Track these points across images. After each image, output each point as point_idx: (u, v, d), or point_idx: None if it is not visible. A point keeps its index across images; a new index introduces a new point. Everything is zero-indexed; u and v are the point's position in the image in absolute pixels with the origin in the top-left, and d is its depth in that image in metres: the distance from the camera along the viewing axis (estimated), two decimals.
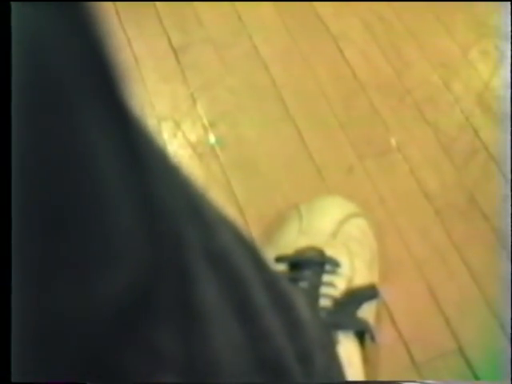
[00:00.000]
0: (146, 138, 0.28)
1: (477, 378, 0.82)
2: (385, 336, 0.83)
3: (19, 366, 0.22)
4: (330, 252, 0.81)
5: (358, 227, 0.86)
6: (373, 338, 0.79)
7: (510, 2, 1.08)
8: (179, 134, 0.99)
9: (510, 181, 0.93)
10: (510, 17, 1.08)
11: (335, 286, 0.79)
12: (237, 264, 0.39)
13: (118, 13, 1.08)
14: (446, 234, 0.90)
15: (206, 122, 1.00)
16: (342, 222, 0.85)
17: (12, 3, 0.19)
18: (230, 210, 0.90)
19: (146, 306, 0.27)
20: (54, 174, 0.20)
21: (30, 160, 0.20)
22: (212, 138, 0.99)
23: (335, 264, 0.80)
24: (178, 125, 1.00)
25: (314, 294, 0.78)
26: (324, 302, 0.78)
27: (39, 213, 0.20)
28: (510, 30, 1.08)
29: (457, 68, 1.06)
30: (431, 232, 0.91)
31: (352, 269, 0.81)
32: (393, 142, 0.98)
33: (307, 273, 0.79)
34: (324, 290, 0.78)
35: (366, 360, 0.79)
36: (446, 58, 1.06)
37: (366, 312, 0.80)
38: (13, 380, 0.22)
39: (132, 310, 0.26)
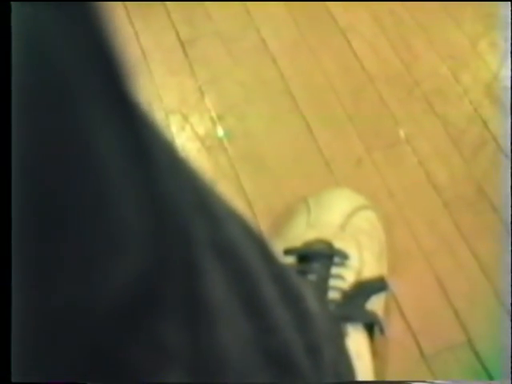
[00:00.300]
0: (153, 133, 0.28)
1: (486, 369, 0.82)
2: (394, 328, 0.83)
3: (19, 366, 0.22)
4: (338, 244, 0.81)
5: (367, 219, 0.86)
6: (382, 331, 0.79)
7: (510, 3, 1.08)
8: (187, 127, 0.99)
9: None
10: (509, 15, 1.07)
11: (344, 278, 0.79)
12: (245, 257, 0.39)
13: (125, 6, 1.08)
14: (455, 225, 0.90)
15: (214, 115, 1.00)
16: (351, 215, 0.85)
17: (12, 4, 0.19)
18: (238, 203, 0.90)
19: (153, 300, 0.27)
20: (58, 170, 0.20)
21: (34, 157, 0.20)
22: (220, 131, 0.99)
23: (344, 256, 0.80)
24: (186, 118, 1.00)
25: (322, 287, 0.78)
26: (333, 295, 0.78)
27: (44, 207, 0.20)
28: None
29: (465, 60, 1.05)
30: (440, 224, 0.90)
31: (361, 261, 0.81)
32: (401, 134, 0.98)
33: (316, 265, 0.79)
34: (333, 282, 0.78)
35: (375, 352, 0.79)
36: (454, 49, 1.06)
37: (375, 304, 0.80)
38: (13, 380, 0.22)
39: (138, 304, 0.26)
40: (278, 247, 0.81)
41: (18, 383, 0.23)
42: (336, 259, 0.80)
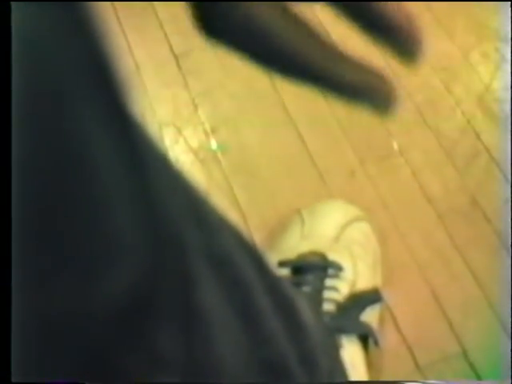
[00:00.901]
0: (148, 142, 0.28)
1: (480, 380, 0.82)
2: (388, 340, 0.83)
3: (19, 366, 0.22)
4: (332, 256, 0.81)
5: (361, 231, 0.86)
6: (376, 342, 0.79)
7: (510, 3, 1.08)
8: (181, 140, 0.99)
9: (511, 183, 0.93)
10: (509, 18, 1.08)
11: (338, 290, 0.79)
12: (239, 267, 0.39)
13: (118, 19, 1.09)
14: (449, 237, 0.90)
15: (207, 127, 1.00)
16: (345, 226, 0.85)
17: (12, 4, 0.19)
18: (232, 216, 0.90)
19: (148, 307, 0.27)
20: (54, 177, 0.20)
21: (31, 162, 0.20)
22: (214, 144, 0.99)
23: (338, 268, 0.80)
24: (179, 130, 1.00)
25: (317, 299, 0.78)
26: (327, 306, 0.78)
27: (40, 214, 0.20)
28: (509, 31, 1.08)
29: (458, 71, 1.06)
30: (434, 235, 0.90)
31: (355, 273, 0.81)
32: (395, 145, 0.98)
33: (310, 277, 0.79)
34: (327, 294, 0.78)
35: (370, 364, 0.79)
36: (446, 61, 1.07)
37: (370, 316, 0.80)
38: (13, 380, 0.22)
39: (133, 311, 0.26)
40: (272, 259, 0.81)
41: (18, 383, 0.23)
42: (330, 271, 0.80)
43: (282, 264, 0.81)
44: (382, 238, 0.88)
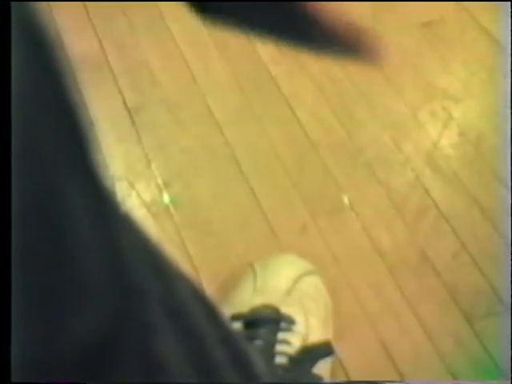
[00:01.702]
0: (112, 197, 0.29)
1: None
2: None
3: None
4: (284, 310, 0.81)
5: (312, 285, 0.87)
6: None
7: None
8: (134, 194, 0.99)
9: (460, 237, 0.95)
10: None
11: (290, 343, 0.79)
12: (195, 319, 0.40)
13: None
14: (399, 290, 0.91)
15: (160, 181, 1.01)
16: (297, 280, 0.85)
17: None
18: (184, 269, 0.90)
19: (111, 349, 0.27)
20: (31, 226, 0.21)
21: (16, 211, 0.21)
22: (166, 198, 0.99)
23: (290, 321, 0.81)
24: (132, 185, 1.00)
25: (269, 352, 0.78)
26: (280, 360, 0.78)
27: (22, 260, 0.21)
28: (458, 89, 1.10)
29: (407, 128, 1.08)
30: (384, 288, 0.91)
31: (307, 326, 0.81)
32: (345, 200, 0.99)
33: (262, 331, 0.80)
34: (279, 347, 0.79)
35: None
36: (395, 118, 1.09)
37: (322, 369, 0.80)
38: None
39: (97, 352, 0.26)
40: (225, 313, 0.81)
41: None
42: (282, 324, 0.80)
43: (234, 318, 0.81)
44: (334, 291, 0.89)
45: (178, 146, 1.04)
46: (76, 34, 1.13)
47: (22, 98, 0.21)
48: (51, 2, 1.10)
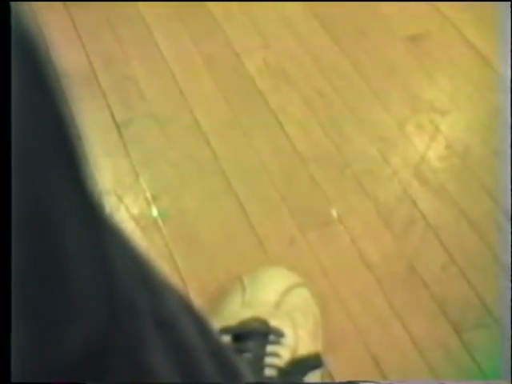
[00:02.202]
0: (101, 209, 0.29)
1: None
2: None
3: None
4: (273, 322, 0.81)
5: (301, 297, 0.87)
6: None
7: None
8: (122, 208, 0.99)
9: (448, 249, 0.95)
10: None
11: (280, 355, 0.79)
12: (183, 330, 0.40)
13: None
14: (388, 302, 0.91)
15: (148, 195, 1.01)
16: (285, 293, 0.85)
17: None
18: (172, 282, 0.90)
19: (97, 363, 0.27)
20: (26, 238, 0.22)
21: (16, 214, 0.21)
22: (155, 211, 0.99)
23: (279, 334, 0.81)
24: (120, 199, 1.00)
25: (258, 365, 0.78)
26: (269, 372, 0.78)
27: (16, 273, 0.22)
28: (444, 102, 1.11)
29: (394, 141, 1.08)
30: (373, 301, 0.92)
31: (296, 338, 0.81)
32: (333, 213, 1.00)
33: (251, 344, 0.80)
34: (268, 360, 0.79)
35: None
36: (383, 131, 1.09)
37: (311, 381, 0.80)
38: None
39: (83, 365, 0.26)
40: (213, 326, 0.81)
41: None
42: (271, 337, 0.80)
43: (223, 331, 0.81)
44: (322, 303, 0.89)
45: (165, 160, 1.04)
46: (64, 49, 1.13)
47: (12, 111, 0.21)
48: (39, 17, 1.10)
